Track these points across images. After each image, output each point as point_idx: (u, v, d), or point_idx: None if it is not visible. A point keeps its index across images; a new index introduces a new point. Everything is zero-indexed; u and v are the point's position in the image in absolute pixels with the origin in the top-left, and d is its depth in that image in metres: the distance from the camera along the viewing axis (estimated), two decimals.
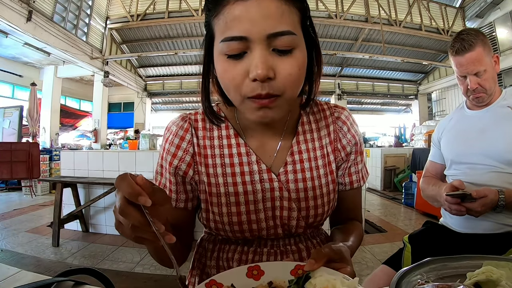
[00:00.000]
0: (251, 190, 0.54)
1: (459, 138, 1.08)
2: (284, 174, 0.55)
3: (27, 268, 1.80)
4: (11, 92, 7.94)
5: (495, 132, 0.98)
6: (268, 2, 0.41)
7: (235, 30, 0.41)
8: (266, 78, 0.41)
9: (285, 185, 0.55)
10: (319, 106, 0.62)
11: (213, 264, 0.60)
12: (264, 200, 0.54)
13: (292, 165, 0.56)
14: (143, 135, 3.44)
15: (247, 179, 0.55)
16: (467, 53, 0.97)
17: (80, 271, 0.53)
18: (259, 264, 0.45)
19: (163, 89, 10.58)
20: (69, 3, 6.04)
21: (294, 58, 0.43)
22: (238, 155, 0.56)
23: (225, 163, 0.55)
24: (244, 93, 0.44)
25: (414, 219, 3.68)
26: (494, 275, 0.33)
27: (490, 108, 1.03)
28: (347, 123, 0.60)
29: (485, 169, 0.97)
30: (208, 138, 0.57)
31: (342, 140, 0.59)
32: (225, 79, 0.45)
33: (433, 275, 0.38)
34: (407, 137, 8.72)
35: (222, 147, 0.56)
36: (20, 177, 5.08)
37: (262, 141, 0.57)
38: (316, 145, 0.58)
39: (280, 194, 0.54)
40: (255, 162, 0.55)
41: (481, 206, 0.88)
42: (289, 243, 0.58)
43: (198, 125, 0.58)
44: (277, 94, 0.43)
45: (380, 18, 7.33)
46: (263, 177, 0.55)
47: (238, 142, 0.56)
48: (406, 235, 1.10)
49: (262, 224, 0.54)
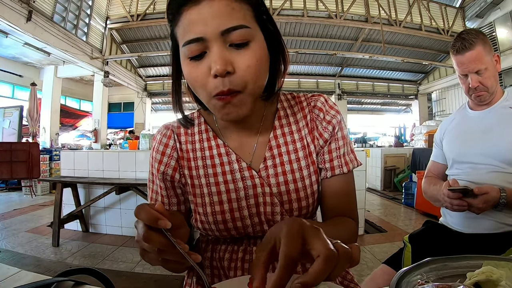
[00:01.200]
0: (233, 188, 0.55)
1: (461, 138, 1.09)
2: (265, 170, 0.56)
3: (27, 268, 1.80)
4: (11, 92, 7.94)
5: (497, 132, 0.99)
6: (218, 2, 0.43)
7: (192, 33, 0.44)
8: (226, 73, 0.43)
9: (266, 180, 0.55)
10: (296, 99, 0.62)
11: (207, 264, 0.61)
12: (247, 198, 0.55)
13: (272, 160, 0.56)
14: (143, 135, 3.43)
15: (228, 178, 0.56)
16: (467, 52, 0.98)
17: (80, 271, 0.53)
18: None
19: (163, 89, 10.57)
20: (69, 3, 6.04)
21: (251, 50, 0.45)
22: (218, 156, 0.57)
23: (207, 165, 0.57)
24: (209, 91, 0.45)
25: (414, 219, 3.68)
26: (494, 275, 0.33)
27: (492, 108, 1.04)
28: (323, 110, 0.58)
29: (487, 169, 0.98)
30: (190, 142, 0.59)
31: (319, 127, 0.58)
32: (191, 81, 0.47)
33: (433, 275, 0.38)
34: (407, 137, 8.73)
35: (203, 149, 0.58)
36: (20, 177, 5.08)
37: (240, 140, 0.58)
38: (295, 137, 0.58)
39: (262, 190, 0.55)
40: (235, 161, 0.56)
41: (482, 202, 0.88)
42: None
43: (181, 131, 0.60)
44: (238, 89, 0.45)
45: (380, 18, 7.33)
46: (244, 174, 0.55)
47: (217, 143, 0.58)
48: (406, 235, 1.10)
49: (247, 221, 0.55)
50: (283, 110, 0.60)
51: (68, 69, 7.48)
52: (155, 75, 10.21)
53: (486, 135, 1.00)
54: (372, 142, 9.81)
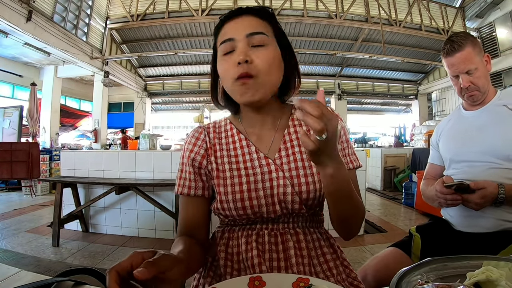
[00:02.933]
0: (252, 173, 0.66)
1: (457, 138, 1.10)
2: (279, 158, 0.67)
3: (27, 268, 1.81)
4: (11, 92, 7.94)
5: (492, 129, 1.00)
6: (246, 17, 0.63)
7: (226, 36, 0.63)
8: (245, 61, 0.58)
9: (280, 167, 0.66)
10: None
11: (222, 248, 0.68)
12: (264, 181, 0.65)
13: (285, 151, 0.68)
14: (143, 135, 3.43)
15: (248, 165, 0.67)
16: (457, 53, 1.01)
17: (80, 271, 0.53)
18: (261, 275, 0.45)
19: (163, 89, 10.58)
20: (69, 3, 6.04)
21: (266, 50, 0.61)
22: (240, 148, 0.70)
23: (231, 154, 0.69)
24: (232, 76, 0.60)
25: (414, 219, 3.68)
26: (494, 275, 0.33)
27: (486, 108, 1.05)
28: None
29: (484, 166, 0.99)
30: (218, 138, 0.72)
31: None
32: (222, 71, 0.63)
33: (433, 275, 0.38)
34: (407, 137, 8.72)
35: (228, 143, 0.71)
36: (20, 177, 5.08)
37: (260, 135, 0.71)
38: None
39: (276, 174, 0.65)
40: (255, 152, 0.68)
41: (480, 198, 0.89)
42: (287, 227, 0.66)
43: (210, 130, 0.74)
44: (253, 73, 0.59)
45: (380, 18, 7.33)
46: (262, 162, 0.67)
47: (240, 138, 0.71)
48: (413, 226, 1.12)
49: (262, 201, 0.63)
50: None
51: (68, 69, 7.49)
52: (155, 75, 10.21)
53: (482, 133, 1.02)
54: (372, 142, 9.80)
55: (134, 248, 2.58)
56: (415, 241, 1.05)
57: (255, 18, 0.63)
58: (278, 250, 0.62)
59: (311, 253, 0.64)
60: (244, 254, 0.63)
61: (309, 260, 0.63)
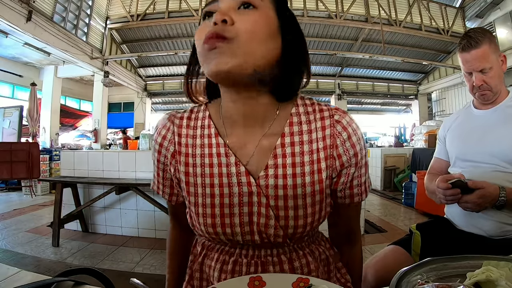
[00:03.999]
0: (227, 193, 0.52)
1: (464, 136, 1.09)
2: (264, 178, 0.51)
3: (27, 268, 1.81)
4: (11, 92, 7.94)
5: (500, 131, 0.99)
6: None
7: None
8: (222, 20, 0.44)
9: (263, 190, 0.51)
10: (316, 105, 0.55)
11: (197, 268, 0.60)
12: (241, 205, 0.51)
13: (274, 169, 0.51)
14: (143, 135, 3.43)
15: (224, 181, 0.52)
16: (472, 50, 0.98)
17: (80, 271, 0.53)
18: (261, 275, 0.45)
19: (163, 89, 10.57)
20: (69, 3, 6.04)
21: (254, 14, 0.46)
22: (217, 156, 0.53)
23: (205, 163, 0.53)
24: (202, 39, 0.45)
25: (414, 219, 3.68)
26: (494, 275, 0.33)
27: (497, 108, 1.04)
28: (347, 129, 0.52)
29: (489, 167, 0.98)
30: (191, 136, 0.56)
31: (339, 147, 0.52)
32: (197, 37, 0.48)
33: (433, 275, 0.38)
34: (407, 137, 8.73)
35: (203, 146, 0.54)
36: (20, 177, 5.07)
37: (244, 140, 0.53)
38: (305, 148, 0.52)
39: (258, 199, 0.51)
40: (234, 164, 0.52)
41: (478, 197, 0.88)
42: (270, 254, 0.55)
43: (183, 123, 0.57)
44: (226, 35, 0.43)
45: (380, 18, 7.33)
46: (241, 180, 0.51)
47: (218, 142, 0.53)
48: (414, 224, 1.12)
49: (236, 229, 0.51)
50: (297, 116, 0.54)
51: (68, 69, 7.48)
52: (155, 75, 10.21)
53: (490, 135, 1.01)
54: (372, 142, 9.81)
55: (134, 248, 2.60)
56: (415, 239, 1.05)
57: None
58: None
59: None
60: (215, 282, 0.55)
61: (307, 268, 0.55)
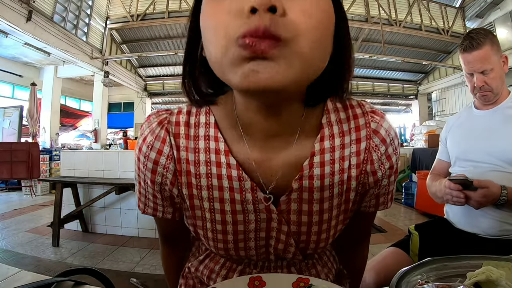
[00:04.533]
0: (242, 220, 0.43)
1: (465, 136, 1.10)
2: (286, 204, 0.42)
3: (27, 268, 1.80)
4: (11, 92, 7.94)
5: (501, 131, 1.00)
6: None
7: None
8: (269, 8, 0.26)
9: (285, 216, 0.43)
10: (349, 110, 0.44)
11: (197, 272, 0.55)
12: (257, 230, 0.44)
13: (298, 194, 0.42)
14: None
15: (238, 208, 0.43)
16: (474, 51, 0.99)
17: (80, 271, 0.53)
18: (261, 275, 0.45)
19: (163, 89, 10.57)
20: (69, 3, 6.04)
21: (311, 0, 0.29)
22: (228, 178, 0.41)
23: (212, 185, 0.42)
24: (232, 34, 0.27)
25: (414, 219, 3.68)
26: (494, 275, 0.33)
27: (498, 108, 1.05)
28: (386, 141, 0.43)
29: (489, 168, 0.99)
30: (192, 150, 0.42)
31: (375, 163, 0.43)
32: (208, 20, 0.30)
33: (433, 275, 0.38)
34: (407, 137, 8.73)
35: (210, 163, 0.42)
36: (20, 177, 5.08)
37: (263, 154, 0.41)
38: (335, 168, 0.42)
39: (278, 226, 0.43)
40: (249, 190, 0.41)
41: (481, 196, 0.89)
42: (280, 266, 0.50)
43: (180, 131, 0.43)
44: (282, 35, 0.26)
45: (380, 18, 7.33)
46: (259, 207, 0.42)
47: (228, 162, 0.41)
48: (412, 225, 1.13)
49: (251, 252, 0.46)
50: (329, 127, 0.42)
51: (68, 69, 7.48)
52: (155, 75, 10.21)
53: (490, 134, 1.01)
54: None
55: (134, 248, 2.60)
56: (413, 239, 1.06)
57: None
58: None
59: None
60: None
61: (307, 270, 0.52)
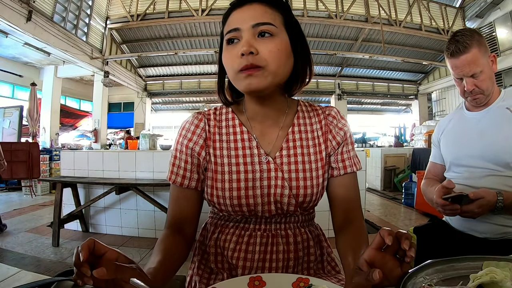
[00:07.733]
0: (251, 170, 0.64)
1: (458, 140, 1.08)
2: (280, 158, 0.65)
3: (27, 268, 1.80)
4: (11, 92, 7.95)
5: (493, 134, 0.97)
6: (255, 6, 0.59)
7: (232, 25, 0.59)
8: (249, 53, 0.55)
9: (279, 167, 0.64)
10: (312, 107, 0.74)
11: (212, 243, 0.68)
12: (262, 179, 0.64)
13: (287, 150, 0.66)
14: (143, 135, 3.42)
15: (247, 160, 0.65)
16: (462, 55, 0.95)
17: None
18: (261, 275, 0.45)
19: (163, 89, 10.58)
20: (69, 3, 6.04)
21: (274, 41, 0.57)
22: (241, 141, 0.66)
23: (230, 147, 0.66)
24: (236, 67, 0.57)
25: (414, 219, 3.68)
26: (498, 276, 0.33)
27: (489, 109, 1.02)
28: (336, 117, 0.71)
29: (484, 172, 0.97)
30: (218, 127, 0.68)
31: (332, 131, 0.70)
32: (225, 61, 0.61)
33: (436, 277, 0.37)
34: (407, 137, 8.73)
35: (229, 134, 0.68)
36: (20, 177, 5.08)
37: (263, 131, 0.68)
38: (308, 136, 0.69)
39: (275, 174, 0.64)
40: (255, 147, 0.66)
41: (478, 207, 0.87)
42: (279, 228, 0.67)
43: (211, 117, 0.70)
44: (259, 65, 0.56)
45: (380, 18, 7.33)
46: (262, 160, 0.65)
47: (242, 130, 0.67)
48: (411, 227, 1.11)
49: (258, 199, 0.63)
50: (302, 112, 0.72)
51: (68, 69, 7.49)
52: (155, 75, 10.21)
53: (482, 137, 0.99)
54: (372, 142, 9.81)
55: (134, 248, 2.60)
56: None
57: (264, 6, 0.59)
58: (267, 250, 0.64)
59: (298, 254, 0.66)
60: (230, 252, 0.65)
61: (295, 262, 0.66)
